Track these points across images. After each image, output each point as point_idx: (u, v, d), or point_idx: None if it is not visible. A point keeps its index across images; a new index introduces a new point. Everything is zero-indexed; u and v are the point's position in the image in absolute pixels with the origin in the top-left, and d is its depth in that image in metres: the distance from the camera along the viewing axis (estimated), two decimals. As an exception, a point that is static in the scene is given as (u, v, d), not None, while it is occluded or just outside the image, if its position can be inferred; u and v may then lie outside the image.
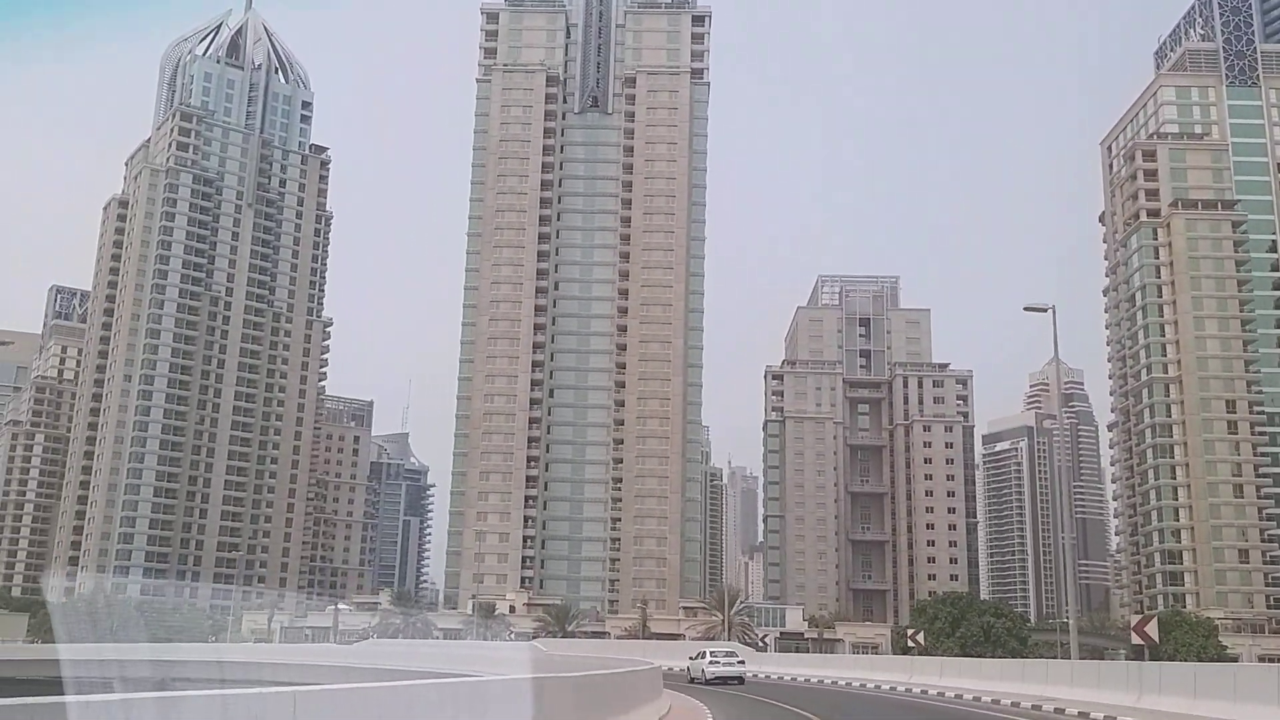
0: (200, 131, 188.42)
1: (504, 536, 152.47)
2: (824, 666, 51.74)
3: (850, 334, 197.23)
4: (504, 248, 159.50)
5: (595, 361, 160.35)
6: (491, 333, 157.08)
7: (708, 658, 46.50)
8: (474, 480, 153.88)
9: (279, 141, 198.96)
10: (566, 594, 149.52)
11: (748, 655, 57.63)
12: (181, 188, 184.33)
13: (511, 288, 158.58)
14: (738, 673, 45.41)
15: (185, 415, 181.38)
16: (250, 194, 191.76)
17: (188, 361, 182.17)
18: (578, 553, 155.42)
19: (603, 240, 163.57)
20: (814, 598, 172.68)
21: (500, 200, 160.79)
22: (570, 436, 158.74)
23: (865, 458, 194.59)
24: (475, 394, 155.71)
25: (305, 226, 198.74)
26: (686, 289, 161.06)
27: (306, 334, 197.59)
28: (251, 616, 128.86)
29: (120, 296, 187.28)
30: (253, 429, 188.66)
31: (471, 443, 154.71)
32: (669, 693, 32.76)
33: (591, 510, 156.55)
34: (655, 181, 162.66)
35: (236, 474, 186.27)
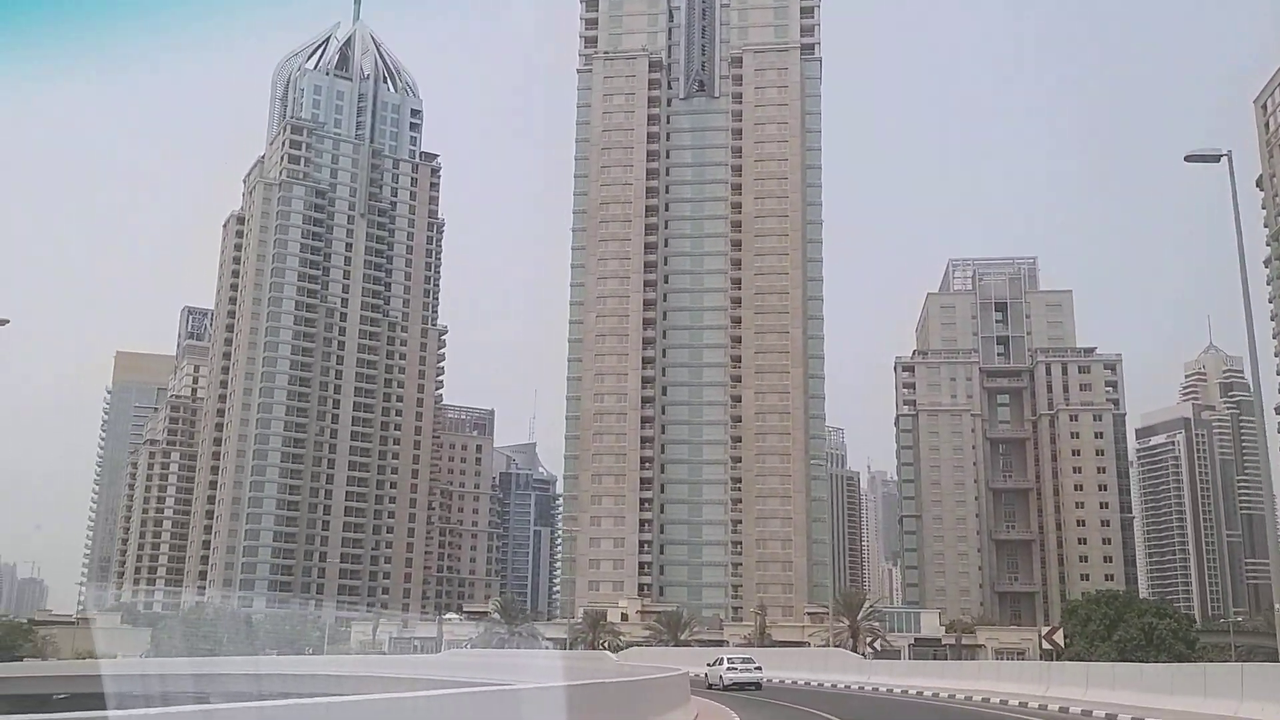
0: (311, 144, 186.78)
1: (619, 542, 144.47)
2: (941, 677, 41.76)
3: (986, 320, 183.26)
4: (609, 241, 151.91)
5: (709, 356, 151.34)
6: (599, 330, 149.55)
7: (725, 664, 46.31)
8: (586, 484, 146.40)
9: (389, 150, 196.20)
10: (688, 601, 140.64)
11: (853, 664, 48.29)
12: (294, 200, 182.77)
13: (618, 282, 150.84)
14: (754, 679, 45.01)
15: (305, 428, 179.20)
16: (362, 204, 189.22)
17: (306, 374, 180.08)
18: (698, 557, 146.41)
19: (712, 229, 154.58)
20: (955, 602, 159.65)
21: (604, 193, 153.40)
22: (686, 435, 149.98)
23: (1007, 452, 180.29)
24: (585, 394, 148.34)
25: (417, 235, 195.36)
26: (804, 276, 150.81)
27: (422, 343, 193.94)
28: (360, 628, 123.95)
29: (239, 312, 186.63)
30: (372, 439, 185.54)
31: (582, 445, 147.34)
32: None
33: (711, 512, 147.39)
34: (766, 165, 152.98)
35: (357, 485, 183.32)
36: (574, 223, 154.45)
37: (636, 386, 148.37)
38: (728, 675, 44.65)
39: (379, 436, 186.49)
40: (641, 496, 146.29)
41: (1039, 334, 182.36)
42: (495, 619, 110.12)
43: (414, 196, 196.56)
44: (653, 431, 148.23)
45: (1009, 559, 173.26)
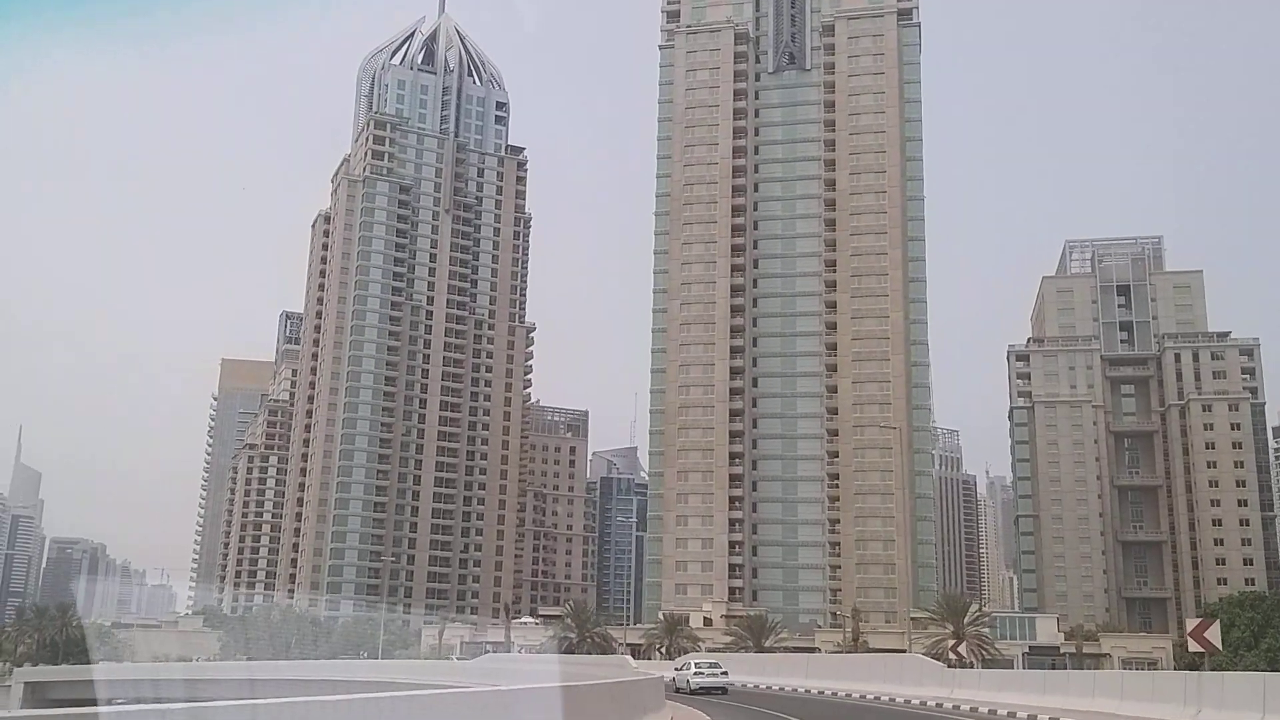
0: (395, 139, 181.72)
1: (707, 542, 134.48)
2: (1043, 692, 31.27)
3: (1107, 304, 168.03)
4: (694, 224, 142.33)
5: (803, 345, 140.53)
6: (684, 318, 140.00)
7: (693, 668, 46.26)
8: (671, 481, 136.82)
9: (474, 144, 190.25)
10: (783, 606, 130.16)
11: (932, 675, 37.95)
12: (379, 197, 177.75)
13: (704, 267, 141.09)
14: (721, 683, 44.83)
15: (391, 428, 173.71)
16: (447, 199, 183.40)
17: (392, 373, 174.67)
18: (793, 559, 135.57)
19: (804, 210, 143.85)
20: (1078, 608, 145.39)
21: (688, 173, 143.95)
22: (779, 429, 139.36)
23: (1133, 446, 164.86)
24: (669, 386, 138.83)
25: (504, 230, 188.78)
26: (904, 257, 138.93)
27: (509, 340, 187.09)
28: (430, 632, 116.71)
29: (325, 312, 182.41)
30: (459, 440, 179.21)
31: (667, 440, 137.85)
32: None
33: (806, 511, 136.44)
34: (862, 139, 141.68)
35: (445, 486, 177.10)
36: (656, 206, 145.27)
37: (724, 377, 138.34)
38: (694, 680, 44.50)
39: (466, 437, 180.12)
40: (731, 494, 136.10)
41: (1166, 318, 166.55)
42: (568, 624, 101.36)
43: (500, 191, 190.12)
44: (742, 425, 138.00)
45: (1136, 562, 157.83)
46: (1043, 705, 29.71)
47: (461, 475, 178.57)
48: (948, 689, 35.65)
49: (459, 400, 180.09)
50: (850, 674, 43.23)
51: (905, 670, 38.71)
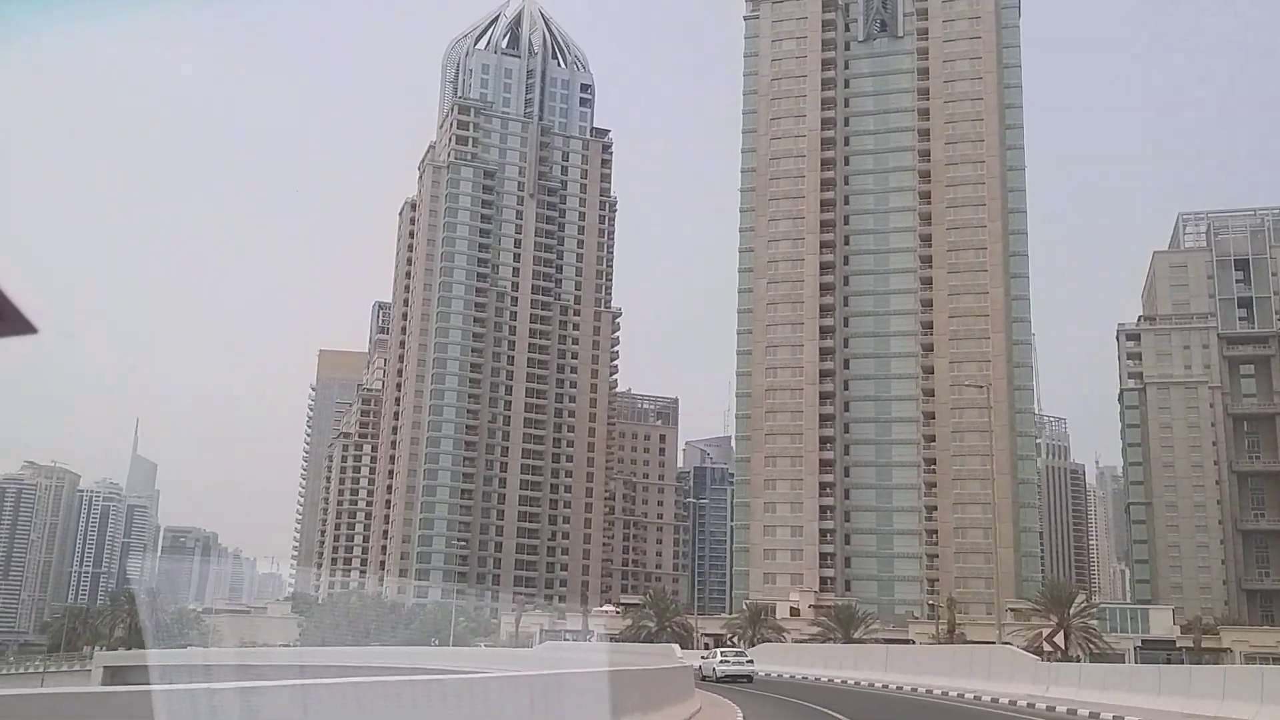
0: (479, 124, 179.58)
1: (796, 530, 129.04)
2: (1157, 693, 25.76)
3: (1224, 280, 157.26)
4: (780, 200, 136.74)
5: (897, 324, 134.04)
6: (771, 297, 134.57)
7: (718, 657, 47.32)
8: (759, 467, 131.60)
9: (559, 128, 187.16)
10: (877, 596, 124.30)
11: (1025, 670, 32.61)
12: (462, 182, 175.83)
13: (791, 244, 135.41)
14: (746, 671, 45.58)
15: (478, 414, 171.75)
16: (531, 184, 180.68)
17: (477, 359, 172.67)
18: (888, 548, 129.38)
19: (898, 183, 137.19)
20: (1194, 600, 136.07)
21: (774, 147, 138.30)
22: (872, 413, 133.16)
23: (1253, 429, 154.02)
24: (755, 368, 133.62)
25: (589, 214, 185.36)
26: (1004, 230, 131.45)
27: (595, 326, 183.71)
28: (511, 619, 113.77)
29: (411, 300, 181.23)
30: (545, 427, 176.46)
31: (754, 424, 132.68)
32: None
33: (901, 498, 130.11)
34: (958, 106, 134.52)
35: (531, 473, 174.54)
36: (741, 183, 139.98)
37: (814, 358, 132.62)
38: (720, 668, 45.30)
39: (552, 424, 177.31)
40: (822, 480, 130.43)
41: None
42: (647, 612, 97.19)
43: (585, 175, 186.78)
44: (833, 408, 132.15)
45: (1258, 552, 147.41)
46: (1158, 708, 24.41)
47: (548, 463, 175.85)
48: (1042, 686, 30.40)
49: (544, 387, 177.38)
50: (931, 667, 38.13)
51: (994, 664, 33.40)
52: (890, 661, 42.11)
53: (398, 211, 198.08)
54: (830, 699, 33.48)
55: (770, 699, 35.35)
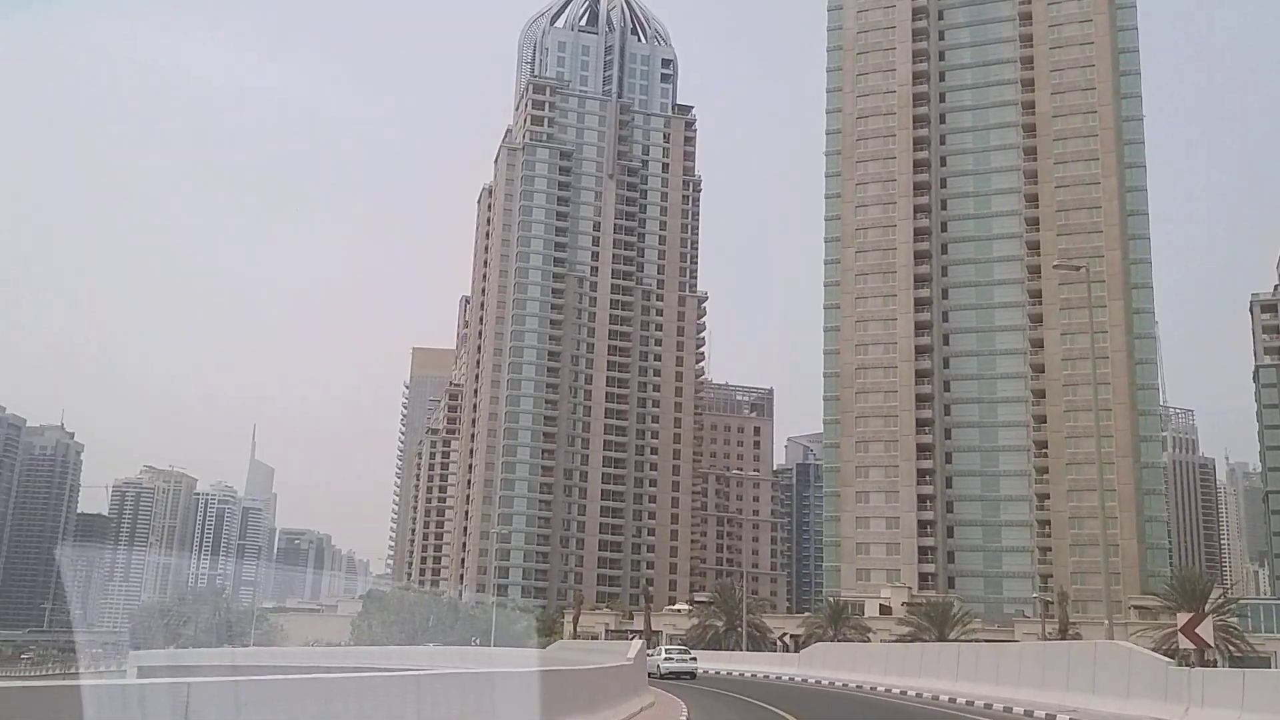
0: (555, 103, 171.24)
1: (892, 522, 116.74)
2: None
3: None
4: (869, 161, 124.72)
5: (1001, 294, 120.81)
6: (860, 268, 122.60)
7: (663, 654, 47.24)
8: (849, 453, 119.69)
9: (639, 105, 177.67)
10: (984, 594, 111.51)
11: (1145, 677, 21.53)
12: (538, 164, 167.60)
13: (881, 210, 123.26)
14: (689, 668, 46.36)
15: (557, 405, 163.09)
16: (610, 164, 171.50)
17: (555, 348, 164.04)
18: (995, 540, 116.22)
19: (1000, 139, 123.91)
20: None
21: (862, 105, 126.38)
22: (975, 392, 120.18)
23: None
24: (844, 345, 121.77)
25: (671, 194, 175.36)
26: (1120, 187, 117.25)
27: (680, 311, 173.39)
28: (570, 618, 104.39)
29: (488, 288, 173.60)
30: (628, 418, 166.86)
31: (843, 406, 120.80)
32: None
33: (1010, 486, 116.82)
34: (1065, 52, 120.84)
35: (614, 467, 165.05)
36: (827, 145, 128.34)
37: (909, 333, 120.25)
38: (664, 664, 45.22)
39: (636, 414, 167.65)
40: (920, 467, 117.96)
41: None
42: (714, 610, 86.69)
43: (667, 154, 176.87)
44: (931, 387, 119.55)
45: None
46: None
47: (631, 455, 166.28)
48: (1179, 704, 19.34)
49: (626, 376, 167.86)
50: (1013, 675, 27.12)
51: (1102, 667, 22.14)
52: (963, 666, 31.09)
53: (476, 199, 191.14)
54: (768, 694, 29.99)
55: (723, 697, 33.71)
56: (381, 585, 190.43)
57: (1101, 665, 21.96)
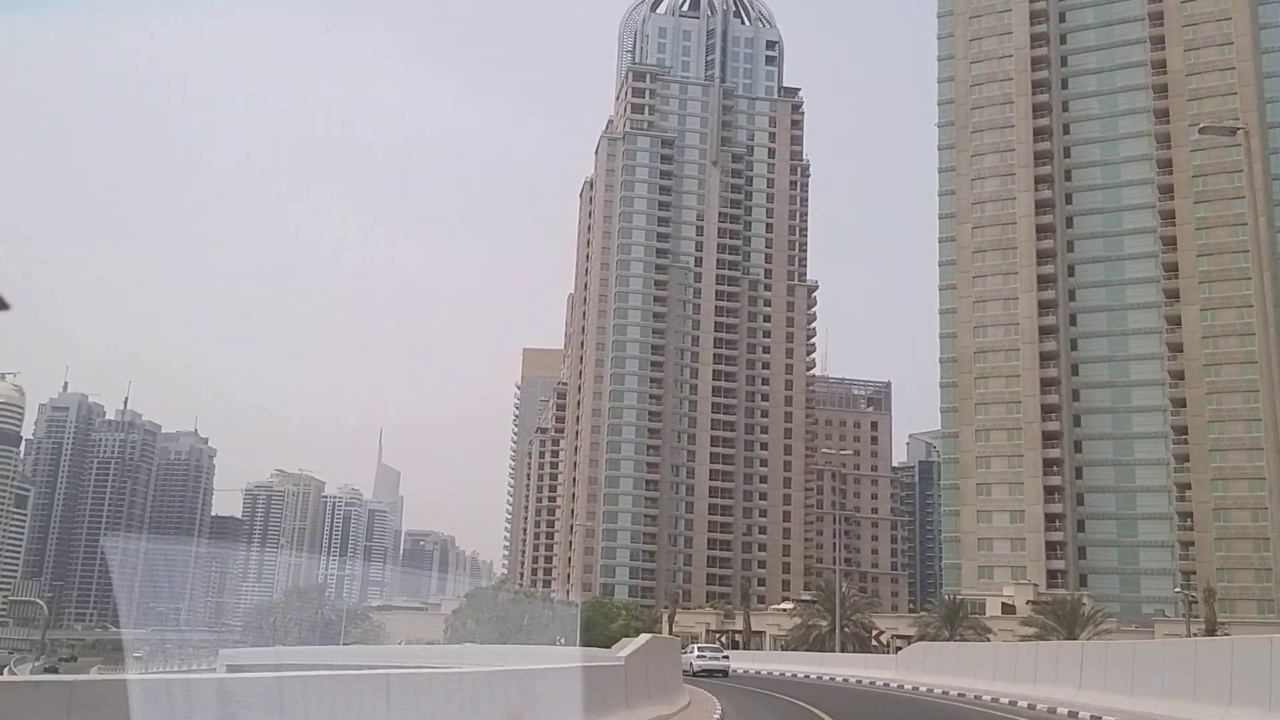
0: (655, 90, 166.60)
1: (1016, 515, 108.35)
2: None
3: None
4: (985, 130, 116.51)
5: (1133, 268, 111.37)
6: (977, 244, 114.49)
7: (695, 652, 47.92)
8: (968, 442, 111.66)
9: (743, 90, 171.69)
10: (1120, 592, 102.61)
11: None
12: (639, 153, 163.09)
13: (999, 182, 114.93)
14: (722, 666, 47.04)
15: (661, 400, 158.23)
16: (714, 150, 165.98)
17: (659, 341, 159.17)
18: (1131, 534, 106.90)
19: (1128, 103, 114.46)
20: None
21: (976, 71, 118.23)
22: (1105, 375, 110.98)
23: None
24: (961, 328, 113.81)
25: (778, 180, 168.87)
26: (1264, 148, 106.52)
27: (789, 301, 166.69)
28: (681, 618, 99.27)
29: (589, 281, 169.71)
30: (735, 412, 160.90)
31: (961, 392, 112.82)
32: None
33: (1147, 475, 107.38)
34: (1199, 5, 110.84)
35: (723, 463, 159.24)
36: (939, 116, 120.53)
37: (1031, 312, 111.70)
38: (697, 663, 45.75)
39: (744, 408, 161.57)
40: (1046, 456, 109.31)
41: None
42: (817, 609, 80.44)
43: (773, 138, 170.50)
44: (1057, 370, 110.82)
45: None
46: None
47: (740, 451, 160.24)
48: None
49: (734, 369, 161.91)
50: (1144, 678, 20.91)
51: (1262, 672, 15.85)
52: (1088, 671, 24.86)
53: (578, 193, 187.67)
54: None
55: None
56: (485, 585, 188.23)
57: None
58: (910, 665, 38.87)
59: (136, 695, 7.14)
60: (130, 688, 7.20)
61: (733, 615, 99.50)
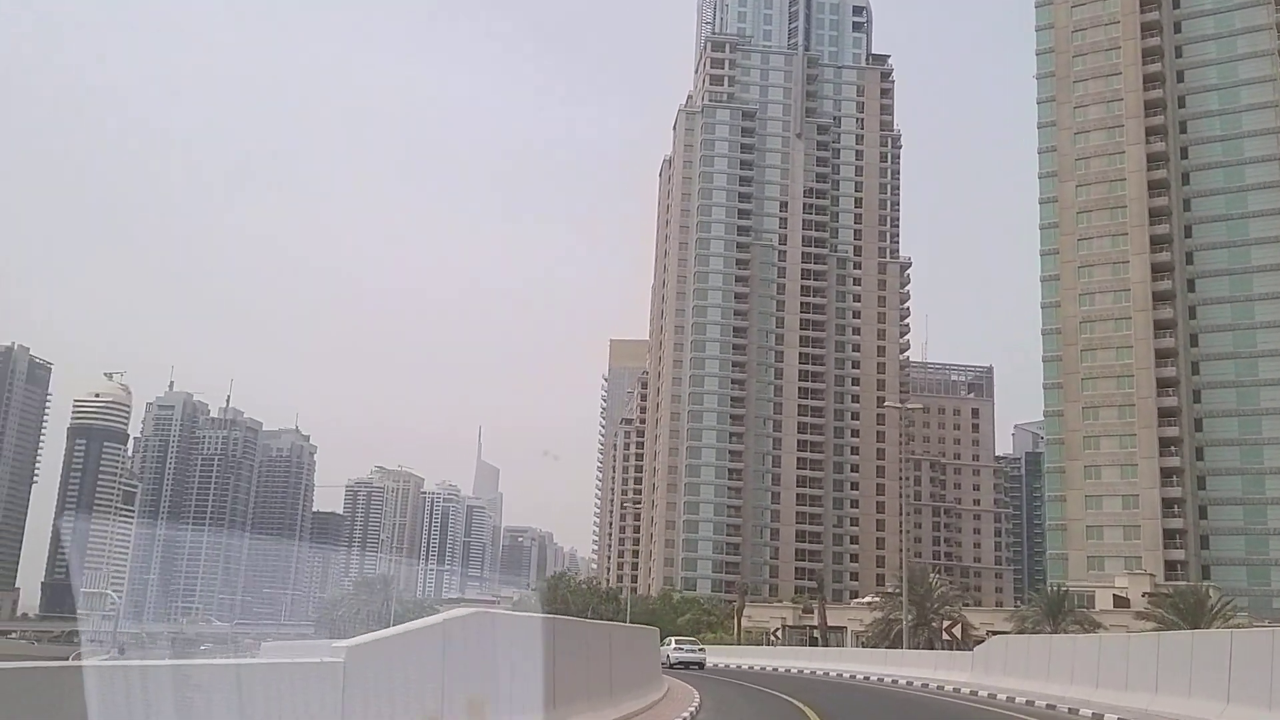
0: (735, 60, 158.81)
1: (1129, 500, 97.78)
2: None
3: None
4: (1089, 79, 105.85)
5: (1259, 227, 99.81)
6: (1081, 203, 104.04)
7: (673, 645, 49.06)
8: (1075, 421, 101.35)
9: (828, 58, 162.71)
10: (1247, 585, 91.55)
11: None
12: (718, 126, 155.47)
13: (1106, 134, 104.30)
14: (698, 659, 48.48)
15: (744, 385, 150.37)
16: (798, 122, 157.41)
17: (741, 323, 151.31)
18: (1259, 521, 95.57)
19: (1250, 45, 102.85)
20: None
21: (1079, 15, 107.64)
22: (1229, 345, 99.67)
23: None
24: (1065, 295, 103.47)
25: (867, 152, 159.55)
26: None
27: (880, 279, 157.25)
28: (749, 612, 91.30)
29: (668, 263, 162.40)
30: (824, 398, 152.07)
31: (1066, 366, 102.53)
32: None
33: (1277, 456, 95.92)
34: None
35: (811, 450, 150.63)
36: (1038, 67, 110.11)
37: (1144, 277, 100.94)
38: (674, 655, 46.60)
39: (833, 393, 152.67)
40: (1163, 436, 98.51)
41: None
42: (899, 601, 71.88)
43: (861, 108, 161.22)
44: (1174, 340, 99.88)
45: None
46: None
47: (830, 439, 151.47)
48: None
49: (822, 352, 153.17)
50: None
51: None
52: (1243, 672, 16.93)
53: (658, 173, 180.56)
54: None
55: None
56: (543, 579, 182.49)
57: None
58: (989, 665, 30.91)
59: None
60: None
61: (810, 610, 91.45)
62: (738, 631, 77.68)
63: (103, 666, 7.54)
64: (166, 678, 8.24)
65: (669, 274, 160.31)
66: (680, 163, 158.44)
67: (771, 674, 45.51)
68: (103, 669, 7.47)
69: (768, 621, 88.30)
